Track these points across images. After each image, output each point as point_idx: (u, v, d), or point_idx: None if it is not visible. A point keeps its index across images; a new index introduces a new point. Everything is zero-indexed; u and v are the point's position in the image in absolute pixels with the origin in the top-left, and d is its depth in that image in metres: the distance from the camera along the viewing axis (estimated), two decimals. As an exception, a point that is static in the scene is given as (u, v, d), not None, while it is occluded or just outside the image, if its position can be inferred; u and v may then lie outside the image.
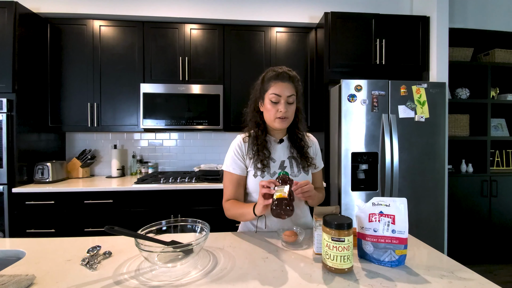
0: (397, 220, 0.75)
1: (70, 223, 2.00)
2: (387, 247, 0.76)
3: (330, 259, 0.71)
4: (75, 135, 2.60)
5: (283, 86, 0.99)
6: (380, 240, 0.76)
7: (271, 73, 1.01)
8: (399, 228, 0.75)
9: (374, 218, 0.77)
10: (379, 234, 0.77)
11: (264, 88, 1.02)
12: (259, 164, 1.02)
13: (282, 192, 0.82)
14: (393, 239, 0.75)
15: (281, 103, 0.99)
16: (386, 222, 0.76)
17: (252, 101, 1.09)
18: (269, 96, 1.00)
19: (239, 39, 2.42)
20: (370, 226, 0.78)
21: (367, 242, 0.78)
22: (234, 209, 1.01)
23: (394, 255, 0.75)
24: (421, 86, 2.01)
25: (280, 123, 1.01)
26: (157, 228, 0.85)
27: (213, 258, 0.80)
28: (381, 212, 0.77)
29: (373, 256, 0.77)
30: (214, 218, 1.98)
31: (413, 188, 2.03)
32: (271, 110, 1.00)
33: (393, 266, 0.75)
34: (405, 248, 0.75)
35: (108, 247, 0.86)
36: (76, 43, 2.30)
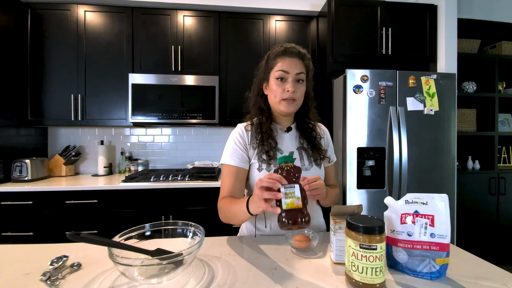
0: (436, 222, 0.61)
1: (50, 225, 1.82)
2: (425, 254, 0.61)
3: (357, 271, 0.56)
4: (58, 130, 2.41)
5: (291, 62, 0.85)
6: (416, 246, 0.62)
7: (277, 49, 0.87)
8: (440, 231, 0.61)
9: (408, 219, 0.63)
10: (415, 239, 0.62)
11: (269, 66, 0.88)
12: (264, 156, 0.87)
13: (294, 198, 0.62)
14: (432, 244, 0.61)
15: (288, 82, 0.85)
16: (423, 224, 0.62)
17: (256, 84, 0.94)
18: (275, 74, 0.85)
19: (236, 28, 2.26)
20: (403, 229, 0.63)
21: (399, 249, 0.63)
22: (227, 207, 0.83)
23: (434, 264, 0.61)
24: (431, 77, 1.89)
25: (287, 106, 0.86)
26: (139, 233, 0.69)
27: (209, 271, 0.65)
28: (417, 212, 0.63)
29: (407, 266, 0.63)
30: (209, 220, 1.82)
31: (421, 186, 1.90)
32: (276, 90, 0.86)
33: (433, 278, 0.61)
34: (447, 256, 0.61)
35: (78, 258, 0.70)
36: (59, 30, 2.12)
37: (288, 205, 0.61)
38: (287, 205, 0.61)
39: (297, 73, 0.85)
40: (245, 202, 0.73)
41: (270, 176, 0.65)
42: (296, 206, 0.61)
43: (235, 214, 0.80)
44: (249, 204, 0.72)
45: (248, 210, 0.72)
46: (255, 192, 0.67)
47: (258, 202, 0.66)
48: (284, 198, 0.62)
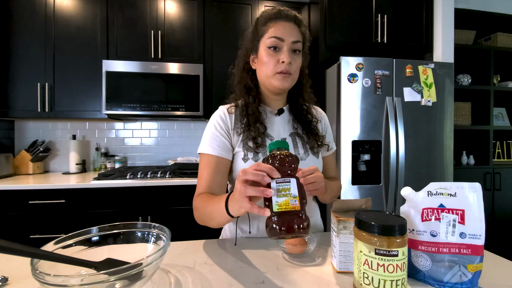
0: (467, 218, 0.48)
1: (13, 228, 1.61)
2: (453, 260, 0.48)
3: (371, 285, 0.42)
4: (26, 123, 2.18)
5: (287, 27, 0.69)
6: (442, 250, 0.48)
7: (268, 12, 0.72)
8: (472, 230, 0.48)
9: (432, 216, 0.49)
10: (441, 240, 0.49)
11: (258, 33, 0.72)
12: (250, 143, 0.72)
13: (289, 197, 0.44)
14: (462, 247, 0.48)
15: (283, 51, 0.69)
16: (451, 222, 0.48)
17: (241, 56, 0.79)
18: (266, 42, 0.70)
19: (222, 13, 2.10)
20: (425, 228, 0.50)
21: (421, 253, 0.50)
22: (202, 206, 0.67)
23: (465, 272, 0.47)
24: (428, 67, 1.79)
25: (282, 80, 0.71)
26: (84, 238, 0.52)
27: (176, 285, 0.49)
28: (442, 206, 0.49)
29: (430, 275, 0.49)
30: (193, 220, 1.67)
31: (419, 181, 1.80)
32: (269, 61, 0.70)
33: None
34: (481, 261, 0.47)
35: (6, 270, 0.53)
36: (25, 13, 1.90)
37: (281, 206, 0.44)
38: (279, 206, 0.44)
39: (294, 41, 0.70)
40: (224, 200, 0.56)
41: (257, 166, 0.47)
42: (291, 207, 0.44)
43: (211, 215, 0.63)
44: (229, 203, 0.54)
45: (228, 211, 0.54)
46: (236, 187, 0.49)
47: (240, 200, 0.47)
48: (276, 196, 0.45)
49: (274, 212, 0.44)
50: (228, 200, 0.54)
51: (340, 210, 0.56)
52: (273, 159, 0.48)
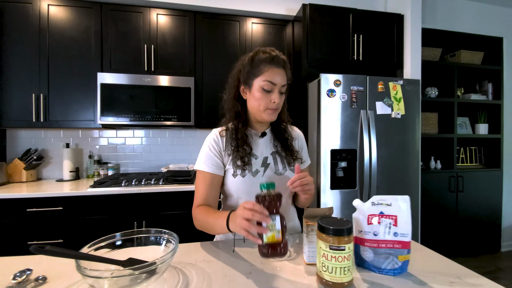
0: (399, 222, 0.65)
1: (10, 235, 1.68)
2: (389, 252, 0.65)
3: (327, 271, 0.59)
4: (18, 132, 2.23)
5: (278, 73, 0.84)
6: (381, 245, 0.66)
7: (263, 55, 0.85)
8: (402, 230, 0.65)
9: (374, 220, 0.67)
10: (380, 238, 0.66)
11: (253, 72, 0.86)
12: (238, 162, 0.87)
13: (274, 231, 0.63)
14: (395, 243, 0.65)
15: (274, 93, 0.85)
16: (388, 224, 0.66)
17: (232, 86, 0.92)
18: (261, 83, 0.84)
19: (212, 29, 2.24)
20: (369, 229, 0.67)
21: (366, 248, 0.67)
22: (203, 217, 0.82)
23: (397, 261, 0.65)
24: (397, 83, 2.01)
25: (271, 115, 0.87)
26: (110, 242, 0.66)
27: (183, 278, 0.64)
28: (382, 213, 0.67)
29: (373, 264, 0.67)
30: (185, 224, 1.80)
31: (390, 185, 2.02)
32: (262, 100, 0.85)
33: (396, 274, 0.65)
34: (408, 253, 0.65)
35: (43, 271, 0.66)
36: (19, 25, 1.96)
37: (269, 239, 0.63)
38: (267, 239, 0.63)
39: (283, 85, 0.86)
40: (225, 218, 0.71)
41: (253, 206, 0.63)
42: (276, 240, 0.63)
43: (213, 227, 0.79)
44: (230, 222, 0.70)
45: (228, 227, 0.71)
46: (237, 214, 0.66)
47: (239, 228, 0.64)
48: (265, 232, 0.63)
49: (264, 243, 0.64)
50: (229, 220, 0.70)
51: (309, 216, 0.72)
52: (263, 200, 0.66)
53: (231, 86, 0.92)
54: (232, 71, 0.93)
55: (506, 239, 2.84)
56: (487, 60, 2.77)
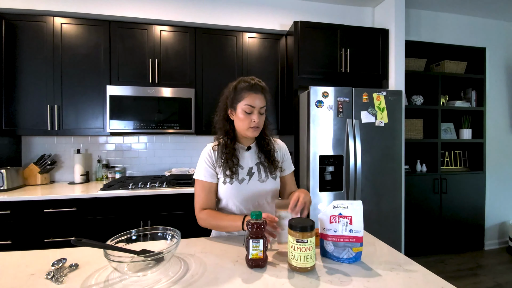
0: (354, 221, 0.83)
1: (29, 233, 1.87)
2: (346, 245, 0.83)
3: (294, 259, 0.77)
4: (33, 139, 2.43)
5: (257, 98, 1.03)
6: (339, 240, 0.84)
7: (243, 84, 1.04)
8: (356, 228, 0.83)
9: (334, 220, 0.85)
10: (339, 234, 0.84)
11: (236, 98, 1.04)
12: (227, 172, 1.06)
13: (258, 251, 0.80)
14: (350, 238, 0.83)
15: (254, 114, 1.03)
16: (345, 223, 0.84)
17: (222, 109, 1.11)
18: (243, 107, 1.03)
19: (211, 43, 2.42)
20: (331, 227, 0.85)
21: (328, 242, 0.85)
22: (215, 221, 1.02)
23: (352, 252, 0.83)
24: (381, 94, 2.18)
25: (253, 132, 1.06)
26: (127, 237, 0.85)
27: (184, 265, 0.82)
28: (340, 214, 0.85)
29: (333, 254, 0.85)
30: (186, 223, 1.98)
31: (374, 187, 2.19)
32: (244, 120, 1.04)
33: (351, 262, 0.83)
34: (361, 245, 0.83)
35: (74, 259, 0.84)
36: (34, 42, 2.15)
37: (253, 256, 0.79)
38: (252, 256, 0.79)
39: (261, 107, 1.05)
40: (241, 221, 0.94)
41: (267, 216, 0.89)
42: (259, 257, 0.80)
43: (226, 227, 1.00)
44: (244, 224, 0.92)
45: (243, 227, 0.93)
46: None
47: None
48: (251, 249, 0.79)
49: (249, 258, 0.80)
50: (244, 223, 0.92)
51: (279, 205, 0.93)
52: (253, 226, 0.82)
53: (221, 108, 1.11)
54: (222, 96, 1.12)
55: (489, 238, 3.01)
56: (471, 69, 2.94)
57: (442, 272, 2.43)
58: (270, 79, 2.48)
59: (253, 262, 0.80)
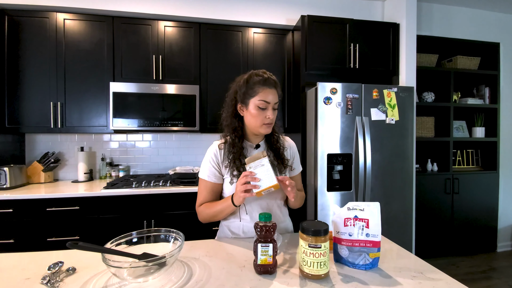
0: (371, 224, 0.77)
1: (31, 232, 1.85)
2: (362, 250, 0.77)
3: (307, 265, 0.71)
4: (36, 136, 2.40)
5: (271, 93, 0.98)
6: (355, 244, 0.78)
7: (256, 78, 0.98)
8: (373, 231, 0.77)
9: (349, 223, 0.79)
10: (354, 238, 0.78)
11: (249, 93, 0.98)
12: (235, 172, 1.00)
13: (267, 256, 0.74)
14: (367, 242, 0.77)
15: (269, 110, 0.98)
16: (361, 226, 0.78)
17: (230, 104, 1.04)
18: (257, 102, 0.97)
19: (215, 39, 2.37)
20: (345, 230, 0.79)
21: (343, 247, 0.79)
22: (210, 209, 1.01)
23: (368, 258, 0.77)
24: (392, 90, 2.10)
25: (266, 129, 1.01)
26: (127, 239, 0.80)
27: (188, 270, 0.77)
28: (356, 217, 0.78)
29: (348, 260, 0.79)
30: (190, 223, 1.94)
31: (384, 187, 2.12)
32: (258, 116, 0.98)
33: (367, 269, 0.77)
34: (378, 251, 0.77)
35: (72, 263, 0.80)
36: (37, 38, 2.12)
37: (262, 261, 0.74)
38: (261, 261, 0.74)
39: (275, 103, 1.00)
40: (230, 199, 0.95)
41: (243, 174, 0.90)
42: (268, 262, 0.74)
43: (221, 211, 0.99)
44: (234, 199, 0.93)
45: (233, 203, 0.94)
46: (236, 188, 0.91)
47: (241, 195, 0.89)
48: (260, 254, 0.74)
49: (258, 264, 0.75)
50: (233, 198, 0.94)
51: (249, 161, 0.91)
52: (261, 229, 0.75)
53: (229, 104, 1.05)
54: (229, 91, 1.06)
55: (502, 239, 2.91)
56: (484, 65, 2.84)
57: (454, 275, 2.32)
58: (276, 75, 2.32)
59: (262, 268, 0.74)
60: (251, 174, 0.88)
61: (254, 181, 0.88)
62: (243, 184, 0.88)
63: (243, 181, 0.88)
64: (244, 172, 0.90)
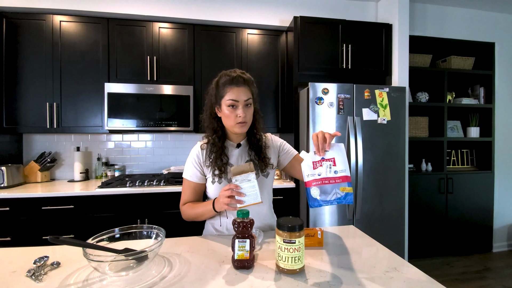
0: (337, 162, 0.82)
1: (27, 230, 1.88)
2: (332, 187, 0.81)
3: (282, 260, 0.73)
4: (34, 136, 2.44)
5: (239, 91, 0.97)
6: (324, 182, 0.82)
7: (225, 78, 0.99)
8: (340, 168, 0.82)
9: (318, 164, 0.83)
10: (323, 176, 0.82)
11: (219, 94, 0.99)
12: (216, 171, 1.02)
13: (244, 251, 0.76)
14: (336, 178, 0.81)
15: (239, 108, 0.98)
16: (328, 165, 0.82)
17: (208, 106, 1.06)
18: (226, 102, 0.97)
19: (210, 40, 2.39)
20: (314, 172, 0.83)
21: (314, 188, 0.82)
22: (192, 210, 1.03)
23: (340, 192, 0.81)
24: (383, 90, 2.12)
25: (241, 128, 1.00)
26: (110, 236, 0.82)
27: (168, 264, 0.79)
28: (323, 158, 0.83)
29: (321, 199, 0.82)
30: (184, 222, 1.95)
31: (376, 186, 2.13)
32: (230, 116, 0.99)
33: (340, 203, 0.81)
34: (349, 185, 0.81)
35: (57, 257, 0.82)
36: (34, 39, 2.16)
37: (239, 256, 0.76)
38: (238, 256, 0.76)
39: (245, 100, 0.98)
40: (211, 204, 0.97)
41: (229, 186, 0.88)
42: (245, 257, 0.76)
43: (202, 214, 1.02)
44: (215, 205, 0.95)
45: (214, 209, 0.96)
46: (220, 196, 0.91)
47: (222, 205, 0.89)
48: (237, 250, 0.76)
49: (235, 259, 0.76)
50: (214, 204, 0.96)
51: (236, 172, 0.90)
52: (239, 225, 0.78)
53: (208, 106, 1.06)
54: (207, 93, 1.07)
55: (497, 240, 2.91)
56: (479, 65, 2.84)
57: (448, 275, 2.35)
58: (270, 76, 2.44)
59: (239, 263, 0.76)
60: (237, 188, 0.86)
61: (239, 196, 0.86)
62: (227, 196, 0.87)
63: (228, 193, 0.87)
64: (230, 184, 0.88)
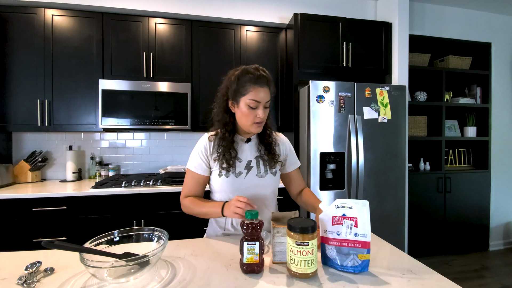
0: (359, 223, 0.75)
1: (17, 233, 1.79)
2: (350, 251, 0.75)
3: (294, 264, 0.69)
4: (24, 135, 2.34)
5: (263, 92, 0.94)
6: (343, 244, 0.75)
7: (248, 76, 0.94)
8: (362, 231, 0.74)
9: (337, 221, 0.77)
10: (342, 237, 0.76)
11: (239, 91, 0.94)
12: (224, 164, 0.98)
13: (253, 254, 0.72)
14: (356, 242, 0.74)
15: (259, 109, 0.94)
16: (349, 225, 0.75)
17: (222, 100, 1.01)
18: (247, 102, 0.93)
19: (208, 36, 2.34)
20: (333, 229, 0.77)
21: (331, 247, 0.77)
22: (197, 208, 0.99)
23: (357, 259, 0.74)
24: (384, 89, 2.10)
25: (257, 128, 0.98)
26: (108, 239, 0.77)
27: (172, 269, 0.74)
28: (344, 215, 0.76)
29: (336, 262, 0.76)
30: (181, 222, 1.91)
31: (376, 186, 2.11)
32: (248, 115, 0.95)
33: (356, 272, 0.74)
34: (368, 252, 0.74)
35: (51, 263, 0.76)
36: (24, 34, 2.07)
37: (248, 260, 0.72)
38: (247, 260, 0.72)
39: (267, 101, 0.96)
40: (220, 207, 0.92)
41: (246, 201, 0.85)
42: (254, 261, 0.72)
43: (207, 214, 0.98)
44: (224, 209, 0.91)
45: (223, 214, 0.92)
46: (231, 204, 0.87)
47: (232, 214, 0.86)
48: (246, 253, 0.72)
49: (244, 262, 0.72)
50: (224, 208, 0.91)
51: (277, 219, 0.82)
52: (247, 227, 0.73)
53: (220, 100, 1.01)
54: (221, 85, 1.02)
55: (494, 238, 2.94)
56: (476, 65, 2.86)
57: (446, 274, 2.35)
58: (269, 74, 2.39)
59: (248, 267, 0.72)
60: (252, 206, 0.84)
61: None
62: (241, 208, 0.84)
63: (242, 206, 0.84)
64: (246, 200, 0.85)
